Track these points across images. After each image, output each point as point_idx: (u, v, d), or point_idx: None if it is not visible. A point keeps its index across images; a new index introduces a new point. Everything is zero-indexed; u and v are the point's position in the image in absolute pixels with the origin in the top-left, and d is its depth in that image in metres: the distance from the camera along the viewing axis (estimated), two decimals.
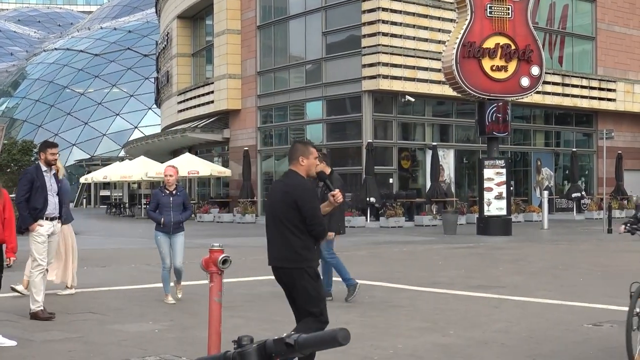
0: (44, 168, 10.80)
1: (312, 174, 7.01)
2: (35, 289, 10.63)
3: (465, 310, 11.21)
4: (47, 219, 10.80)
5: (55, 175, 11.05)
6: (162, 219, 12.12)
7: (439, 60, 30.75)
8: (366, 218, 33.58)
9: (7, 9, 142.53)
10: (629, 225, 8.50)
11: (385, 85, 34.52)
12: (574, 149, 42.18)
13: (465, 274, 15.81)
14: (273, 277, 7.19)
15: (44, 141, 11.31)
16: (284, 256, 6.86)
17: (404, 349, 8.58)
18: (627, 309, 7.97)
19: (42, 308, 10.52)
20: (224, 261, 5.45)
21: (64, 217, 11.49)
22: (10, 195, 10.68)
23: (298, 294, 6.88)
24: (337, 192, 7.01)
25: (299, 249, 6.79)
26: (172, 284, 12.40)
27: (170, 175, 12.37)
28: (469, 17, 28.15)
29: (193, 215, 44.32)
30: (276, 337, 2.62)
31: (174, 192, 12.33)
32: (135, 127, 78.73)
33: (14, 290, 12.46)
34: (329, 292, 12.33)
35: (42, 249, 10.71)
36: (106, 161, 69.13)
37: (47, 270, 11.10)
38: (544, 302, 11.94)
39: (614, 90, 43.56)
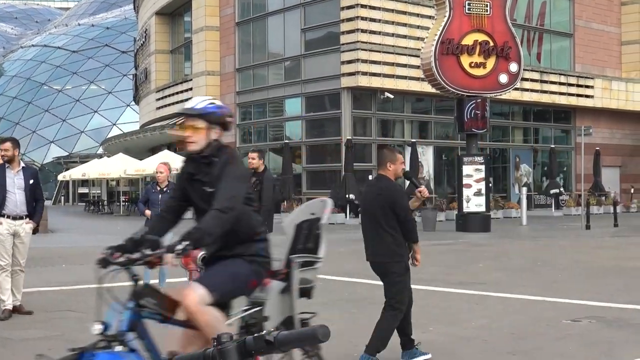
0: (7, 165, 10.54)
1: (399, 176, 7.76)
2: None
3: (446, 307, 11.21)
4: (8, 217, 10.44)
5: (29, 171, 10.75)
6: (149, 213, 12.14)
7: (418, 57, 30.78)
8: (346, 215, 33.56)
9: None
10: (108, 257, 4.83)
11: (364, 82, 34.54)
12: (553, 146, 42.37)
13: (445, 271, 15.81)
14: None
15: None
16: (378, 252, 7.71)
17: None
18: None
19: (5, 308, 10.40)
20: (203, 259, 5.41)
21: None
22: None
23: (385, 284, 7.80)
24: (423, 188, 7.81)
25: (392, 245, 7.62)
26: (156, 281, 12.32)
27: (161, 172, 12.45)
28: (447, 14, 28.18)
29: None
30: (256, 335, 2.59)
31: (164, 189, 12.36)
32: (114, 124, 78.43)
33: None
34: None
35: (1, 248, 10.42)
36: (84, 158, 68.79)
37: (22, 270, 10.80)
38: (524, 298, 11.95)
39: (592, 87, 43.76)
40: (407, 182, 9.00)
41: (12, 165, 10.50)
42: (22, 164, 10.69)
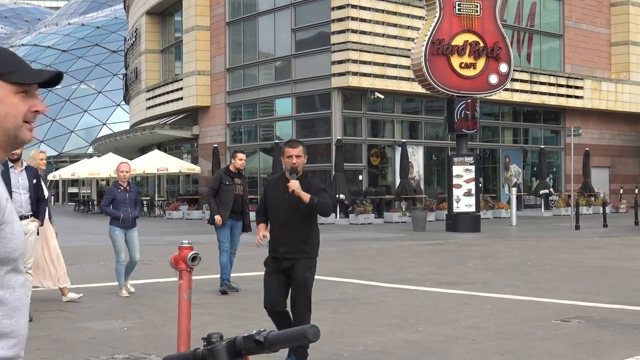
0: (10, 164, 10.46)
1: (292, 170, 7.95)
2: None
3: (435, 307, 11.24)
4: None
5: (31, 170, 10.56)
6: (122, 215, 12.34)
7: (408, 57, 30.83)
8: (336, 215, 33.58)
9: None
10: None
11: (354, 82, 34.55)
12: (542, 146, 42.46)
13: (434, 271, 15.86)
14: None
15: None
16: None
17: (374, 346, 8.58)
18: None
19: None
20: (194, 258, 5.42)
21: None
22: None
23: None
24: (291, 182, 7.75)
25: None
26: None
27: (127, 172, 12.68)
28: (437, 15, 28.23)
29: (162, 213, 44.19)
30: (246, 334, 2.61)
31: (128, 188, 12.63)
32: (104, 124, 78.29)
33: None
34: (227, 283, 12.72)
35: None
36: (74, 158, 68.67)
37: (28, 273, 10.69)
38: (513, 298, 12.00)
39: (582, 88, 43.88)
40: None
41: (16, 165, 10.33)
42: (25, 164, 10.56)
